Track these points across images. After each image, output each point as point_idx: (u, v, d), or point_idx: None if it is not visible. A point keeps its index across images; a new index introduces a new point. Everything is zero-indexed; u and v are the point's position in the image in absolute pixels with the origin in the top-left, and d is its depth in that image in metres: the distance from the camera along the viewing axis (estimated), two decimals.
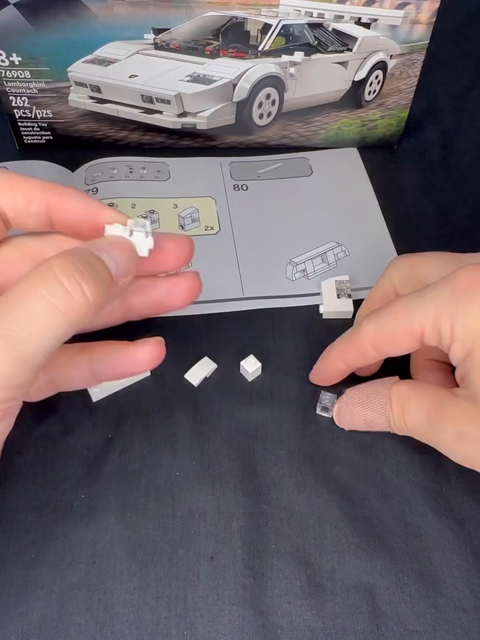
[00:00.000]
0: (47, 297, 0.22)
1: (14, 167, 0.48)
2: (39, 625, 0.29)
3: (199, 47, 0.45)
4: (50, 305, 0.22)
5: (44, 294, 0.22)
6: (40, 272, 0.23)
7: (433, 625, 0.30)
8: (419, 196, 0.49)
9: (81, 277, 0.23)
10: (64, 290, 0.23)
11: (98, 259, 0.25)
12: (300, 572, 0.31)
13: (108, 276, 0.25)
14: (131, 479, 0.34)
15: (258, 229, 0.46)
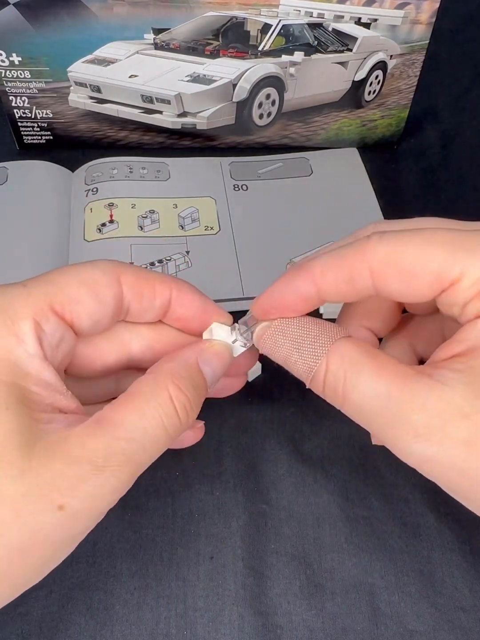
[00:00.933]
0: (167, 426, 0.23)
1: (14, 167, 0.48)
2: (39, 625, 0.29)
3: (199, 47, 0.45)
4: (167, 433, 0.23)
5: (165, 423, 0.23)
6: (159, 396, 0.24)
7: (433, 625, 0.30)
8: (419, 196, 0.49)
9: (191, 409, 0.24)
10: (178, 421, 0.24)
11: (203, 378, 0.25)
12: (299, 572, 0.31)
13: (205, 395, 0.26)
14: None
15: (258, 229, 0.46)
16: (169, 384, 0.24)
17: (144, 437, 0.23)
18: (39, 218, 0.45)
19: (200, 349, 0.26)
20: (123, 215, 0.45)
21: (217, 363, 0.26)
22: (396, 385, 0.22)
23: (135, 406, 0.23)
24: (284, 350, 0.25)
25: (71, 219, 0.45)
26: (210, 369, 0.26)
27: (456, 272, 0.22)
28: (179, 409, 0.24)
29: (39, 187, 0.47)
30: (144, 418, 0.23)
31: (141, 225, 0.45)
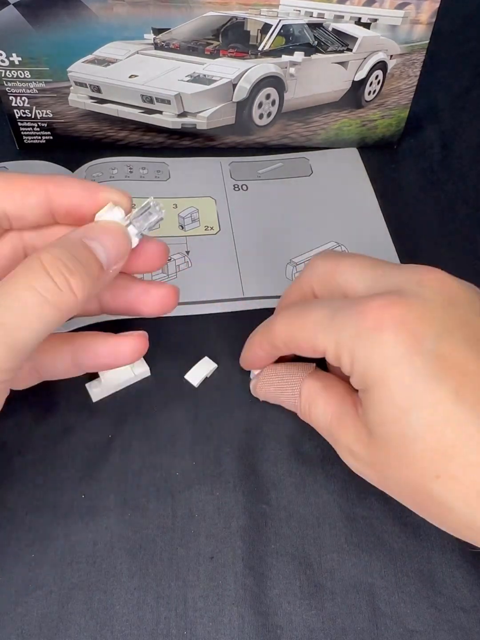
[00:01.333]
0: (38, 289, 0.23)
1: (14, 167, 0.48)
2: (39, 625, 0.29)
3: (199, 47, 0.45)
4: (41, 297, 0.23)
5: (35, 286, 0.23)
6: (31, 265, 0.24)
7: (432, 625, 0.30)
8: (419, 196, 0.49)
9: (69, 273, 0.24)
10: (54, 285, 0.24)
11: (88, 251, 0.25)
12: (299, 572, 0.31)
13: (97, 268, 0.25)
14: (131, 479, 0.34)
15: (258, 229, 0.46)
16: (41, 254, 0.24)
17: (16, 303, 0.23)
18: None
19: (85, 227, 0.26)
20: None
21: (108, 240, 0.26)
22: (335, 414, 0.30)
23: (7, 278, 0.24)
24: (273, 394, 0.34)
25: None
26: (98, 244, 0.26)
27: (321, 347, 0.28)
28: (53, 275, 0.24)
29: None
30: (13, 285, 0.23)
31: None
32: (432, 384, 0.25)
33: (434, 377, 0.25)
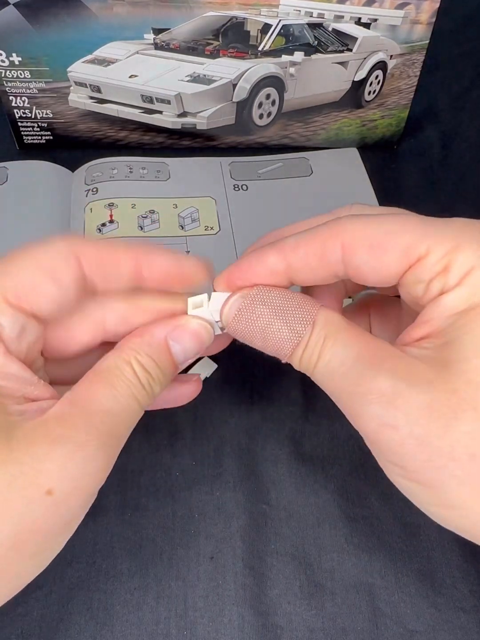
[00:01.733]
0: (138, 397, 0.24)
1: (14, 167, 0.48)
2: (39, 625, 0.29)
3: (199, 47, 0.45)
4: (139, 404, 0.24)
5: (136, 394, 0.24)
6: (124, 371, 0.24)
7: (432, 625, 0.30)
8: (419, 196, 0.49)
9: (153, 382, 0.25)
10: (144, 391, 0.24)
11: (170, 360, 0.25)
12: (299, 572, 0.31)
13: (173, 372, 0.26)
14: (131, 478, 0.34)
15: (258, 229, 0.45)
16: (131, 360, 0.24)
17: (119, 408, 0.23)
18: (39, 218, 0.45)
19: (171, 325, 0.26)
20: (123, 215, 0.45)
21: (189, 341, 0.26)
22: (369, 349, 0.22)
23: (105, 380, 0.24)
24: (263, 320, 0.24)
25: (71, 219, 0.45)
26: (180, 347, 0.26)
27: (423, 248, 0.22)
28: (144, 384, 0.24)
29: (39, 187, 0.47)
30: (115, 390, 0.23)
31: (141, 225, 0.45)
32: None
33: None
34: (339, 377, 0.23)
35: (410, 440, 0.20)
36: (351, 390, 0.22)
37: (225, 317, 0.26)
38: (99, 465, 0.22)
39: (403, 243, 0.22)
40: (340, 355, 0.23)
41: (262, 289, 0.25)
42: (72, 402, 0.22)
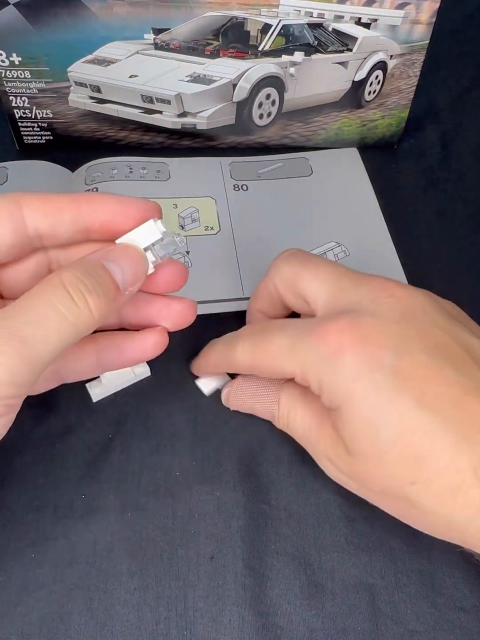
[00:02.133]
0: (58, 306, 0.24)
1: (14, 167, 0.48)
2: (39, 625, 0.29)
3: (199, 47, 0.45)
4: (60, 314, 0.24)
5: (56, 303, 0.24)
6: (52, 283, 0.25)
7: (433, 625, 0.30)
8: (419, 196, 0.49)
9: (87, 292, 0.25)
10: (73, 303, 0.25)
11: (105, 272, 0.26)
12: (300, 572, 0.31)
13: (114, 289, 0.26)
14: (131, 479, 0.34)
15: (258, 229, 0.46)
16: (62, 273, 0.25)
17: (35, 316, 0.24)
18: None
19: (105, 250, 0.27)
20: None
21: (125, 262, 0.27)
22: (315, 423, 0.30)
23: (27, 295, 0.25)
24: (248, 404, 0.34)
25: None
26: (116, 266, 0.27)
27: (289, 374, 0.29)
28: (72, 292, 0.25)
29: (39, 187, 0.46)
30: (34, 300, 0.24)
31: None
32: (394, 395, 0.25)
33: (395, 389, 0.26)
34: (301, 439, 0.32)
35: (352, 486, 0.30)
36: (310, 448, 0.31)
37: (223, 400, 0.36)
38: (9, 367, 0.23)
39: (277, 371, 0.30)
40: (298, 427, 0.32)
41: (240, 381, 0.35)
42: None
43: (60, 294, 0.24)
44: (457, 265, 0.44)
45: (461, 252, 0.45)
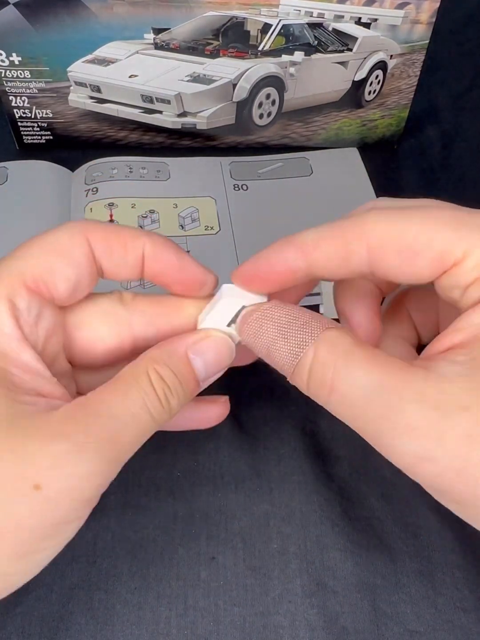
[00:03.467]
0: (150, 408, 0.23)
1: (14, 167, 0.48)
2: (40, 624, 0.29)
3: (199, 47, 0.45)
4: (151, 415, 0.23)
5: (148, 404, 0.23)
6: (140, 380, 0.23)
7: (433, 626, 0.30)
8: (419, 196, 0.49)
9: (170, 395, 0.23)
10: (159, 404, 0.23)
11: (190, 369, 0.24)
12: (301, 571, 0.31)
13: (194, 387, 0.25)
14: (132, 478, 0.34)
15: (258, 229, 0.46)
16: (148, 369, 0.23)
17: (126, 415, 0.22)
18: (39, 218, 0.45)
19: (192, 338, 0.25)
20: (123, 215, 0.45)
21: (211, 355, 0.25)
22: (390, 375, 0.20)
23: (117, 388, 0.23)
24: (268, 335, 0.23)
25: (71, 219, 0.45)
26: (202, 360, 0.25)
27: (460, 252, 0.21)
28: (159, 395, 0.23)
29: (39, 187, 0.47)
30: (126, 398, 0.22)
31: (141, 225, 0.45)
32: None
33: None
34: (360, 409, 0.21)
35: (449, 473, 0.19)
36: (377, 423, 0.20)
37: (237, 325, 0.25)
38: (94, 468, 0.21)
39: (436, 247, 0.21)
40: (359, 385, 0.20)
41: (272, 305, 0.24)
42: (80, 405, 0.22)
43: (150, 394, 0.23)
44: None
45: None
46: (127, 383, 0.23)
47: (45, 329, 0.24)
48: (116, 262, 0.25)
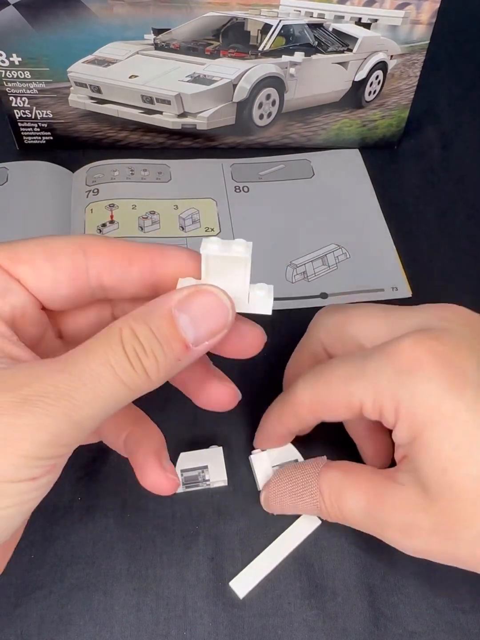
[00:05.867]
0: (114, 367, 0.21)
1: (14, 167, 0.48)
2: (39, 626, 0.29)
3: (199, 47, 0.45)
4: (115, 375, 0.21)
5: (111, 362, 0.21)
6: (110, 338, 0.21)
7: (432, 626, 0.30)
8: (419, 196, 0.49)
9: (144, 355, 0.21)
10: (129, 365, 0.21)
11: (172, 327, 0.22)
12: (301, 572, 0.31)
13: (179, 349, 0.22)
14: (130, 479, 0.33)
15: (259, 231, 0.46)
16: (122, 325, 0.21)
17: (84, 372, 0.20)
18: (39, 218, 0.45)
19: (177, 296, 0.22)
20: (123, 216, 0.45)
21: (199, 312, 0.22)
22: (371, 497, 0.27)
23: (85, 346, 0.21)
24: (288, 502, 0.30)
25: (71, 219, 0.45)
26: (188, 318, 0.22)
27: (357, 402, 0.26)
28: (129, 353, 0.21)
29: (39, 188, 0.47)
30: (87, 354, 0.21)
31: (141, 226, 0.45)
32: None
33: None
34: (363, 525, 0.28)
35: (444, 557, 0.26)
36: (375, 531, 0.27)
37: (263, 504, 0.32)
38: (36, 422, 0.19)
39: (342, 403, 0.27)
40: (353, 509, 0.27)
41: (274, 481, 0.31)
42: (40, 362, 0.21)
43: (117, 351, 0.21)
44: (457, 265, 0.44)
45: (461, 252, 0.45)
46: (95, 340, 0.21)
47: (12, 304, 0.23)
48: (119, 275, 0.24)
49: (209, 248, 0.23)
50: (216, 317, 0.23)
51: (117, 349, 0.21)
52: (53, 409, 0.19)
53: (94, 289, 0.25)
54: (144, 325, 0.21)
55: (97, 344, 0.21)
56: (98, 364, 0.21)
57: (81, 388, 0.20)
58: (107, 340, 0.21)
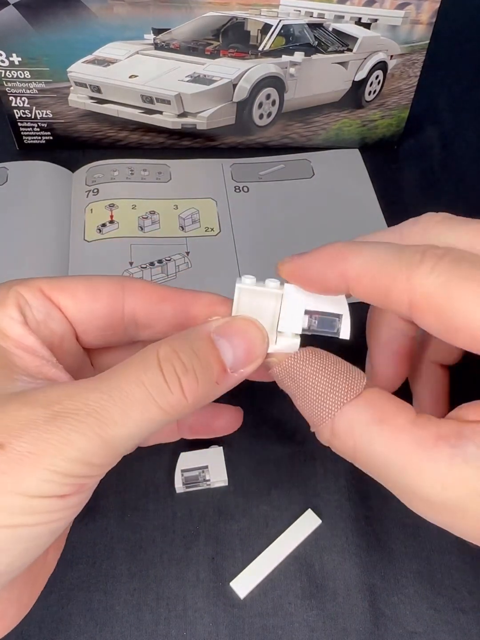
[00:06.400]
0: (147, 386, 0.20)
1: (14, 167, 0.48)
2: (39, 626, 0.29)
3: (199, 47, 0.45)
4: (148, 396, 0.20)
5: (145, 382, 0.20)
6: (146, 356, 0.21)
7: (432, 627, 0.30)
8: (419, 196, 0.49)
9: (183, 374, 0.21)
10: (165, 385, 0.21)
11: (212, 349, 0.22)
12: (301, 572, 0.31)
13: (218, 371, 0.22)
14: (131, 479, 0.34)
15: (258, 231, 0.46)
16: (160, 345, 0.21)
17: (119, 394, 0.20)
18: (39, 218, 0.45)
19: (215, 323, 0.23)
20: (123, 216, 0.45)
21: (238, 339, 0.22)
22: (412, 458, 0.20)
23: (118, 366, 0.21)
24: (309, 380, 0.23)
25: (71, 219, 0.45)
26: (228, 343, 0.22)
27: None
28: (165, 371, 0.21)
29: (39, 188, 0.47)
30: (122, 374, 0.21)
31: (141, 226, 0.45)
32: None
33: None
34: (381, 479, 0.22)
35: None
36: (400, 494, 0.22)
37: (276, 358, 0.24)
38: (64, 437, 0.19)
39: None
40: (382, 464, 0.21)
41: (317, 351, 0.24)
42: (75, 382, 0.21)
43: (151, 371, 0.20)
44: None
45: None
46: (130, 359, 0.21)
47: (52, 330, 0.24)
48: (151, 313, 0.25)
49: (244, 282, 0.24)
50: (253, 344, 0.23)
51: (152, 368, 0.21)
52: (82, 426, 0.19)
53: (128, 324, 0.26)
54: (186, 344, 0.21)
55: (131, 363, 0.21)
56: (130, 382, 0.20)
57: (111, 407, 0.20)
58: (142, 360, 0.21)
